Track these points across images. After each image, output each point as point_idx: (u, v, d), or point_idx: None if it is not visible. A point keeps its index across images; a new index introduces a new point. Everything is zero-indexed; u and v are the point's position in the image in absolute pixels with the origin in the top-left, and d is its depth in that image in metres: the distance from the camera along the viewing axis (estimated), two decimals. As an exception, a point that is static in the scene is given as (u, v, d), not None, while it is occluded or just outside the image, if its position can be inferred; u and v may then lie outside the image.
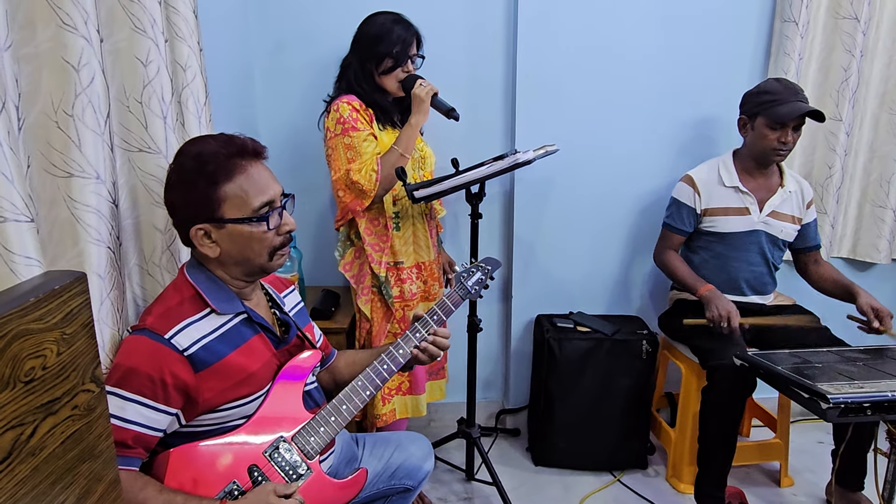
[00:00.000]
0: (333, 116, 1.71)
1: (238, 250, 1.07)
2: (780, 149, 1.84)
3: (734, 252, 1.97)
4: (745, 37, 2.17)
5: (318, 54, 2.05)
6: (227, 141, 1.08)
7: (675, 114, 2.20)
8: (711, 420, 1.77)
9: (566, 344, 2.07)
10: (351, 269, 1.82)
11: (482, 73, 2.16)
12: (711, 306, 1.78)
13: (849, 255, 2.38)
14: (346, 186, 1.70)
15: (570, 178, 2.22)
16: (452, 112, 1.71)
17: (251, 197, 1.05)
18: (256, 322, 1.13)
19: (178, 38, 1.27)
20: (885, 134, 2.22)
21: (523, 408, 2.41)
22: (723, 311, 1.75)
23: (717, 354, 1.76)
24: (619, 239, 2.31)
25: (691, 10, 2.11)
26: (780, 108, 1.78)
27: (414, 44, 1.75)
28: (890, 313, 1.78)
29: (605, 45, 2.12)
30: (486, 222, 2.26)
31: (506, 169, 1.63)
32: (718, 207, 1.95)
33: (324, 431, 1.14)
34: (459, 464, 2.13)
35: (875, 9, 2.11)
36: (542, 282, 2.31)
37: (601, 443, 2.12)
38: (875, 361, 1.51)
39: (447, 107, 1.71)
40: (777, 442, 2.07)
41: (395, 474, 1.40)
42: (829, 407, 1.26)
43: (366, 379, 1.22)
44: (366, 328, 1.84)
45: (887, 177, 2.23)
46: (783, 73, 2.08)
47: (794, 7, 2.05)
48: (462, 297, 1.41)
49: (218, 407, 1.04)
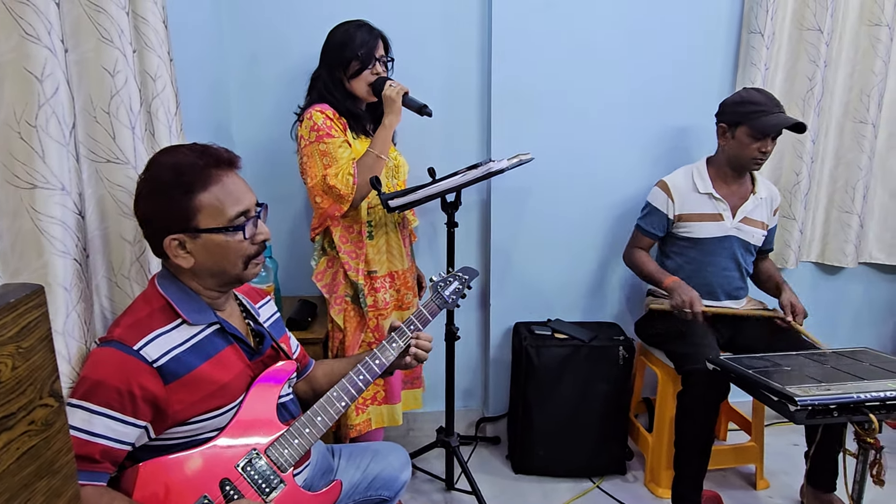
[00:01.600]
0: (307, 124, 1.71)
1: (213, 260, 1.06)
2: (759, 158, 1.89)
3: (708, 257, 2.00)
4: (714, 48, 2.23)
5: (292, 65, 2.05)
6: (202, 151, 1.07)
7: (649, 123, 2.24)
8: (687, 424, 1.79)
9: (544, 351, 2.08)
10: (323, 279, 1.82)
11: (457, 84, 2.18)
12: (675, 294, 1.83)
13: (818, 259, 2.43)
14: (322, 192, 1.70)
15: (547, 187, 2.25)
16: (425, 109, 1.72)
17: (226, 207, 1.05)
18: (230, 333, 1.12)
19: (147, 48, 1.26)
20: (849, 141, 2.29)
21: (503, 416, 2.42)
22: (685, 297, 1.80)
23: (692, 359, 1.78)
24: (595, 246, 2.33)
25: (662, 22, 2.16)
26: (767, 119, 1.82)
27: (380, 46, 1.77)
28: (805, 312, 1.90)
29: (579, 56, 2.16)
30: (464, 231, 2.27)
31: (480, 178, 1.64)
32: (692, 213, 1.99)
33: (298, 443, 1.13)
34: (439, 473, 2.12)
35: (837, 21, 2.18)
36: (519, 290, 2.32)
37: (580, 449, 2.13)
38: (843, 364, 1.55)
39: (419, 104, 1.73)
40: (752, 445, 2.10)
41: (371, 485, 1.39)
42: (797, 409, 1.28)
43: (341, 390, 1.21)
44: (339, 338, 1.83)
45: (853, 183, 2.30)
46: (751, 83, 2.13)
47: (759, 19, 2.11)
48: (439, 306, 1.41)
49: (189, 419, 1.03)
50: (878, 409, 1.31)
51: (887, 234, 2.39)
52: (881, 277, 2.50)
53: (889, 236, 2.39)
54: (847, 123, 2.29)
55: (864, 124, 2.24)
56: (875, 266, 2.48)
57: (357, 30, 1.75)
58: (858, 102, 2.24)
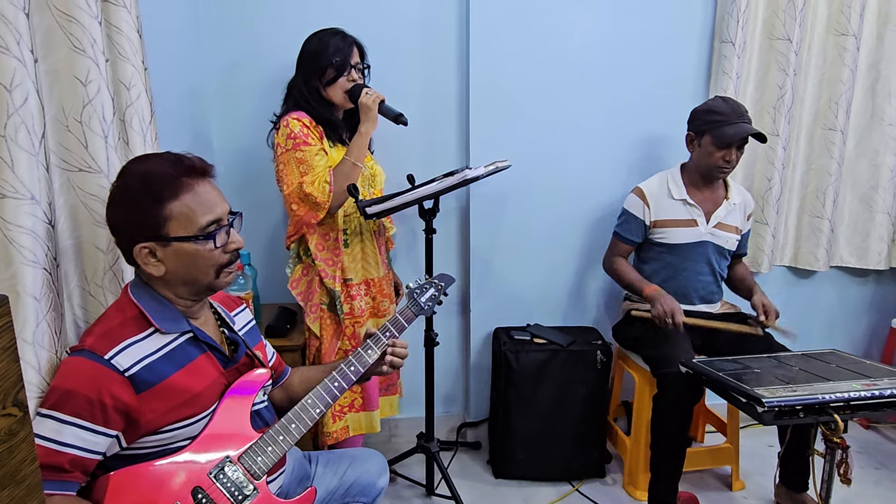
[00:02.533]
0: (283, 132, 1.72)
1: (184, 268, 1.06)
2: (724, 167, 1.93)
3: (683, 262, 2.04)
4: (687, 57, 2.27)
5: (271, 72, 2.06)
6: (175, 160, 1.08)
7: (625, 130, 2.28)
8: (662, 427, 1.82)
9: (523, 356, 2.10)
10: (298, 287, 1.82)
11: (436, 91, 2.20)
12: (656, 304, 1.85)
13: (790, 263, 2.49)
14: (299, 199, 1.71)
15: (525, 194, 2.27)
16: (401, 117, 1.74)
17: (198, 215, 1.05)
18: (203, 341, 1.12)
19: (121, 57, 1.26)
20: (819, 148, 2.34)
21: (484, 421, 2.43)
22: (667, 308, 1.82)
23: (666, 363, 1.81)
24: (573, 252, 2.36)
25: (637, 30, 2.20)
26: (727, 129, 1.87)
27: (354, 52, 1.78)
28: (776, 312, 1.93)
29: (556, 64, 2.19)
30: (443, 237, 2.29)
31: (456, 185, 1.66)
32: (668, 219, 2.03)
33: (271, 451, 1.13)
34: (420, 479, 2.12)
35: (806, 30, 2.24)
36: (499, 295, 2.34)
37: (559, 453, 2.15)
38: (810, 366, 1.58)
39: (395, 112, 1.74)
40: (728, 447, 2.14)
41: (348, 491, 1.39)
42: (765, 410, 1.31)
43: (316, 397, 1.22)
44: (315, 346, 1.84)
45: (823, 188, 2.35)
46: (723, 91, 2.18)
47: (730, 28, 2.16)
48: (415, 313, 1.43)
49: (161, 428, 1.03)
50: (842, 410, 1.35)
51: (857, 239, 2.45)
52: (852, 280, 2.56)
53: (859, 240, 2.45)
54: (817, 130, 2.34)
55: (833, 131, 2.30)
56: (846, 269, 2.53)
57: (332, 37, 1.77)
58: (827, 110, 2.30)
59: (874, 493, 2.09)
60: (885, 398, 1.35)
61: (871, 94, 2.33)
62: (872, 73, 2.31)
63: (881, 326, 2.57)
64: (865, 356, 2.58)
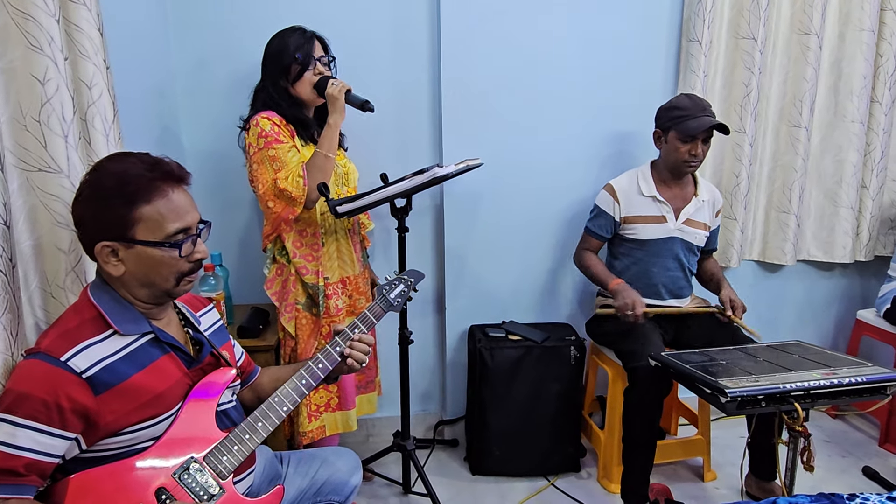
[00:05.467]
0: (254, 132, 1.71)
1: (143, 272, 1.05)
2: (690, 161, 1.96)
3: (653, 258, 2.07)
4: (656, 55, 2.31)
5: (241, 72, 2.04)
6: (154, 164, 1.06)
7: (596, 128, 2.31)
8: (633, 420, 1.84)
9: (497, 352, 2.11)
10: (273, 287, 1.81)
11: (408, 90, 2.20)
12: (619, 297, 1.88)
13: (759, 258, 2.54)
14: (274, 196, 1.70)
15: (499, 191, 2.29)
16: (367, 104, 1.75)
17: (167, 222, 1.04)
18: (165, 342, 1.11)
19: (82, 55, 1.24)
20: (785, 145, 2.40)
21: (461, 418, 2.44)
22: (629, 300, 1.86)
23: (637, 356, 1.83)
24: (547, 249, 2.39)
25: (608, 29, 2.23)
26: (690, 122, 1.90)
27: (316, 46, 1.78)
28: (743, 307, 1.99)
29: (528, 62, 2.21)
30: (418, 235, 2.30)
31: (426, 183, 1.66)
32: (638, 216, 2.05)
33: (237, 450, 1.13)
34: (397, 478, 2.13)
35: (770, 30, 2.29)
36: (474, 293, 2.36)
37: (535, 448, 2.16)
38: (774, 356, 1.62)
39: (361, 100, 1.75)
40: (699, 438, 2.17)
41: (320, 490, 1.39)
42: (728, 400, 1.34)
43: (283, 395, 1.21)
44: (291, 346, 1.83)
45: (789, 184, 2.40)
46: (691, 89, 2.22)
47: (697, 28, 2.19)
48: (384, 309, 1.43)
49: (123, 429, 1.02)
50: (802, 399, 1.38)
51: (823, 233, 2.51)
52: (819, 274, 2.62)
53: (825, 234, 2.51)
54: (782, 127, 2.39)
55: (798, 128, 2.35)
56: (813, 263, 2.59)
57: (291, 34, 1.77)
58: (792, 107, 2.35)
59: (840, 480, 2.14)
60: (843, 386, 1.39)
61: (833, 92, 2.39)
62: (835, 72, 2.37)
63: (847, 318, 2.63)
64: (832, 347, 2.66)
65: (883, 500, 1.05)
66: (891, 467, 2.22)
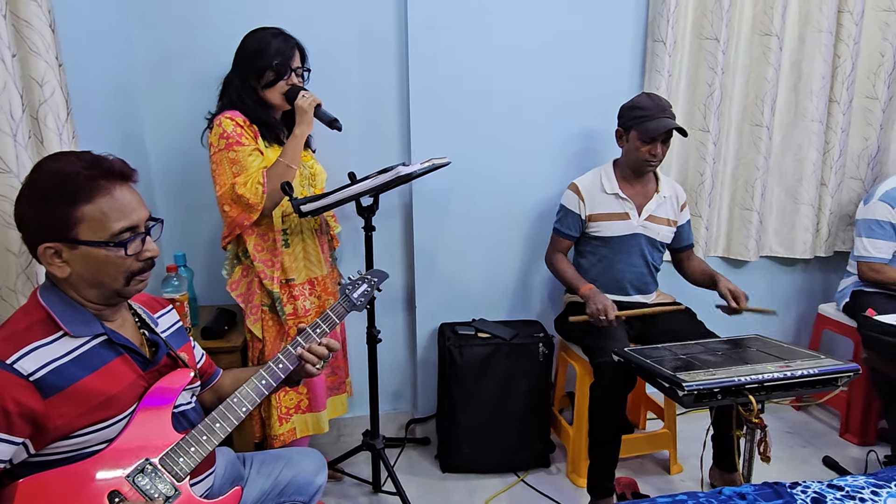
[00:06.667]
0: (216, 132, 1.69)
1: (90, 273, 1.03)
2: (650, 160, 1.99)
3: (617, 255, 2.10)
4: (622, 55, 2.34)
5: (207, 69, 2.01)
6: (93, 161, 1.04)
7: (563, 126, 2.33)
8: (598, 414, 1.87)
9: (466, 350, 2.12)
10: (238, 289, 1.80)
11: (376, 89, 2.20)
12: (591, 303, 1.90)
13: (723, 254, 2.59)
14: (231, 201, 1.68)
15: (468, 190, 2.30)
16: (335, 123, 1.74)
17: (111, 221, 1.02)
18: (119, 343, 1.09)
19: (32, 52, 1.22)
20: (747, 143, 2.45)
21: (432, 416, 2.45)
22: (600, 305, 1.87)
23: (602, 352, 1.86)
24: (516, 246, 2.40)
25: (574, 30, 2.25)
26: (650, 123, 1.93)
27: (296, 56, 1.76)
28: (745, 294, 1.95)
29: (495, 62, 2.22)
30: (387, 235, 2.30)
31: (390, 181, 1.66)
32: (602, 213, 2.08)
33: (194, 451, 1.12)
34: (367, 477, 2.12)
35: (733, 30, 2.34)
36: (444, 291, 2.37)
37: (504, 444, 2.18)
38: (733, 351, 1.66)
39: (330, 117, 1.74)
40: (665, 432, 2.21)
41: (284, 491, 1.38)
42: (685, 394, 1.37)
43: (242, 395, 1.20)
44: (258, 348, 1.82)
45: (752, 182, 2.46)
46: (655, 89, 2.25)
47: (661, 28, 2.23)
48: (347, 309, 1.42)
49: (73, 432, 1.00)
50: (757, 391, 1.42)
51: (784, 229, 2.57)
52: (781, 269, 2.68)
53: (786, 231, 2.57)
54: (745, 127, 2.45)
55: (760, 127, 2.40)
56: (775, 259, 2.66)
57: (273, 38, 1.73)
58: (754, 107, 2.41)
59: (801, 470, 2.20)
60: (796, 379, 1.43)
61: (794, 92, 2.45)
62: (795, 72, 2.43)
63: (809, 312, 2.70)
64: (795, 341, 2.73)
65: (823, 487, 1.09)
66: (850, 457, 2.28)
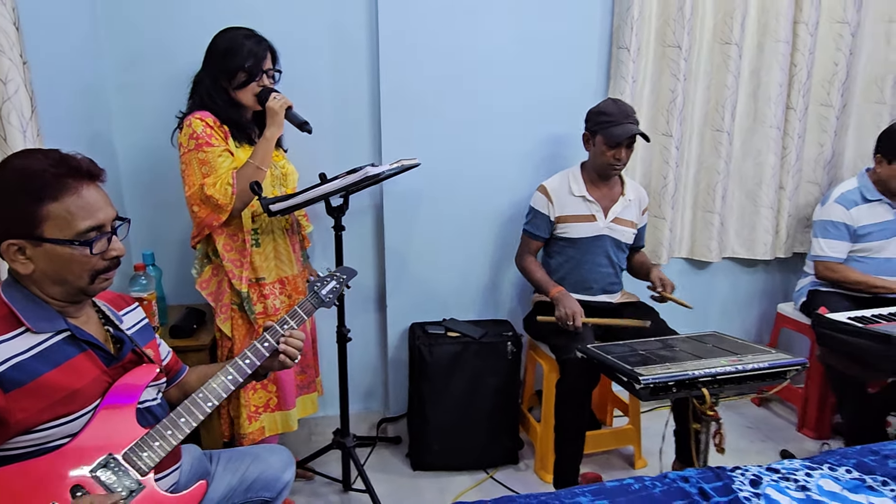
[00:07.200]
0: (186, 132, 1.70)
1: (54, 270, 1.04)
2: (615, 164, 2.06)
3: (584, 255, 2.15)
4: (589, 61, 2.40)
5: (176, 69, 2.02)
6: (60, 160, 1.05)
7: (532, 130, 2.39)
8: (564, 409, 1.92)
9: (436, 349, 2.16)
10: (208, 287, 1.80)
11: (348, 91, 2.23)
12: (560, 306, 1.95)
13: (687, 255, 2.67)
14: (200, 201, 1.69)
15: (438, 191, 2.34)
16: (306, 125, 1.76)
17: (77, 220, 1.03)
18: (83, 340, 1.10)
19: (-4, 50, 1.22)
20: (709, 148, 2.53)
21: (403, 415, 2.47)
22: (569, 310, 1.92)
23: (568, 350, 1.91)
24: (486, 247, 2.45)
25: (543, 35, 2.31)
26: (614, 129, 2.00)
27: (268, 58, 1.78)
28: (672, 285, 2.06)
29: (465, 66, 2.27)
30: (358, 235, 2.33)
31: (359, 182, 1.69)
32: (569, 215, 2.14)
33: (159, 446, 1.12)
34: (338, 476, 2.14)
35: (695, 39, 2.42)
36: (415, 291, 2.40)
37: (474, 442, 2.22)
38: (690, 347, 1.72)
39: (301, 120, 1.76)
40: (630, 428, 2.27)
41: (251, 487, 1.39)
42: (641, 387, 1.42)
43: (208, 391, 1.21)
44: (227, 346, 1.82)
45: (713, 185, 2.54)
46: (620, 95, 2.32)
47: (626, 35, 2.30)
48: (315, 305, 1.45)
49: (36, 427, 1.00)
50: (710, 385, 1.48)
51: (745, 231, 2.66)
52: (742, 270, 2.77)
53: (746, 232, 2.66)
54: (706, 132, 2.53)
55: (721, 132, 2.49)
56: (737, 260, 2.75)
57: (245, 40, 1.74)
58: (715, 113, 2.49)
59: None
60: (747, 372, 1.49)
61: (753, 99, 2.54)
62: (754, 80, 2.52)
63: (769, 311, 2.80)
64: (756, 339, 2.82)
65: (762, 470, 1.15)
66: (806, 450, 2.37)
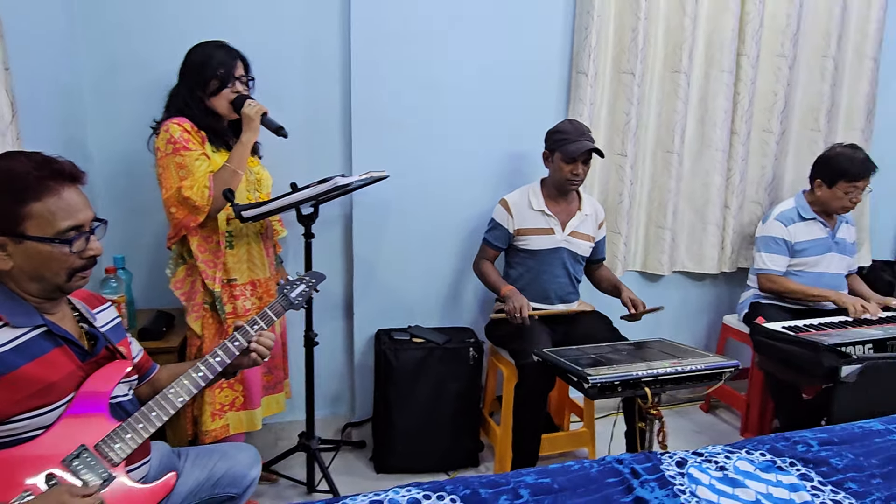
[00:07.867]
0: (164, 137, 1.76)
1: (33, 267, 1.09)
2: (573, 179, 2.19)
3: (542, 266, 2.27)
4: (550, 84, 2.55)
5: (153, 77, 2.07)
6: (43, 162, 1.11)
7: (495, 147, 2.52)
8: (521, 411, 2.02)
9: (402, 354, 2.24)
10: (182, 287, 1.85)
11: (320, 103, 2.32)
12: (508, 301, 2.07)
13: (641, 268, 2.82)
14: (178, 203, 1.75)
15: (405, 203, 2.43)
16: (281, 130, 1.85)
17: (58, 219, 1.09)
18: (58, 335, 1.15)
19: (-22, 57, 1.27)
20: (661, 168, 2.70)
21: (368, 420, 2.53)
22: (516, 304, 2.04)
23: (525, 354, 2.02)
24: (450, 257, 2.55)
25: (507, 58, 2.45)
26: (570, 146, 2.14)
27: (239, 65, 1.86)
28: (643, 303, 2.19)
29: (433, 85, 2.38)
30: (328, 243, 2.40)
31: (328, 191, 1.77)
32: (529, 228, 2.26)
33: (130, 438, 1.17)
34: (303, 479, 2.18)
35: (647, 67, 2.59)
36: (382, 299, 2.48)
37: (436, 445, 2.30)
38: (637, 351, 1.85)
39: (276, 125, 1.85)
40: (585, 431, 2.39)
41: (218, 482, 1.44)
42: (590, 386, 1.54)
43: (179, 386, 1.27)
44: (196, 345, 1.87)
45: (665, 203, 2.71)
46: (578, 117, 2.47)
47: (584, 61, 2.46)
48: (284, 307, 1.51)
49: (10, 418, 1.05)
50: (652, 384, 1.60)
51: (694, 246, 2.83)
52: (692, 283, 2.94)
53: (696, 248, 2.83)
54: (658, 153, 2.70)
55: (672, 154, 2.66)
56: (687, 274, 2.91)
57: (216, 49, 1.83)
58: (666, 136, 2.66)
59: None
60: (685, 373, 1.63)
61: (700, 124, 2.72)
62: (702, 106, 2.71)
63: (716, 322, 2.97)
64: (704, 348, 2.97)
65: (688, 454, 1.27)
66: (748, 452, 2.52)
